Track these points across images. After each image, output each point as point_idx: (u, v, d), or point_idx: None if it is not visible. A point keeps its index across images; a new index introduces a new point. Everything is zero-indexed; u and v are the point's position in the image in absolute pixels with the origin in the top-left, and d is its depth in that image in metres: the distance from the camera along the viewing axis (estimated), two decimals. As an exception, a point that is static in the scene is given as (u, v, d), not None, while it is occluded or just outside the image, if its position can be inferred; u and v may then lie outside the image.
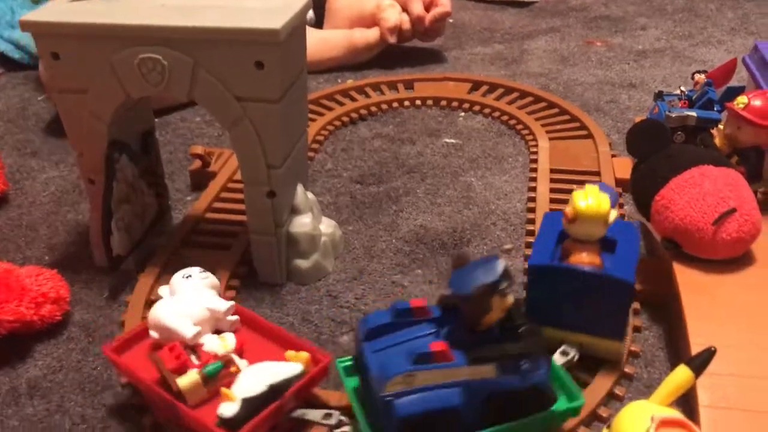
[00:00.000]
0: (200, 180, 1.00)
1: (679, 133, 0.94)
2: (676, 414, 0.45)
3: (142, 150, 0.84)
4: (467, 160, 1.06)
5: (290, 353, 0.63)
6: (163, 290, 0.69)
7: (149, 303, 0.77)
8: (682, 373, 0.51)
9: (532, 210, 0.92)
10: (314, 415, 0.61)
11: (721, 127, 0.84)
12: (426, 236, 0.89)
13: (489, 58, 1.41)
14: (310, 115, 1.15)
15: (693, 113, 0.89)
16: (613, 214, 0.63)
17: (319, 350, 0.64)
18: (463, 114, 1.19)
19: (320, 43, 1.33)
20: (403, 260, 0.85)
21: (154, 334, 0.65)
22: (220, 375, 0.61)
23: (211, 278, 0.69)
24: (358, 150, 1.09)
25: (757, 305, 0.68)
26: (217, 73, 0.71)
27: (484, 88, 1.24)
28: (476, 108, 1.19)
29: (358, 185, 1.01)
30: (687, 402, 0.61)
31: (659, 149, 0.79)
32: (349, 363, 0.62)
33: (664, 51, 1.43)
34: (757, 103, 0.78)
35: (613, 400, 0.66)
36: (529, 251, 0.84)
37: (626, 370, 0.68)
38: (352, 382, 0.61)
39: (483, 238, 0.89)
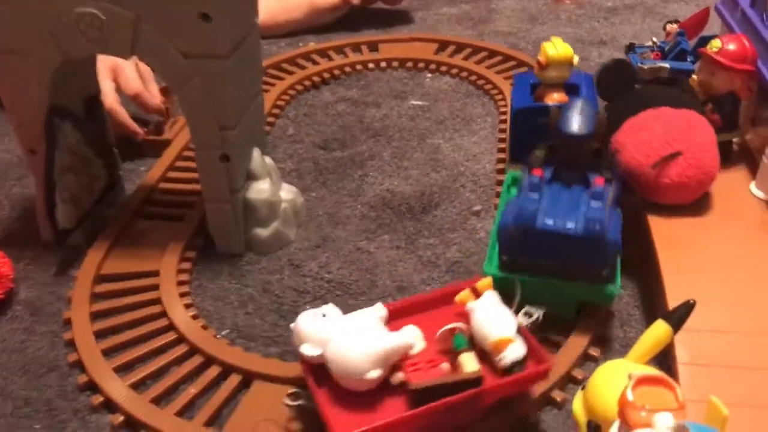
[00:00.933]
0: (155, 150, 0.95)
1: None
2: (654, 371, 0.42)
3: (87, 116, 0.79)
4: (435, 122, 1.02)
5: (463, 294, 0.60)
6: (309, 348, 0.55)
7: (98, 278, 0.73)
8: (659, 329, 0.48)
9: (502, 171, 0.88)
10: (521, 320, 0.59)
11: (695, 77, 0.81)
12: (393, 201, 0.85)
13: (456, 18, 1.36)
14: (271, 80, 1.11)
15: (666, 65, 0.86)
16: (576, 58, 0.79)
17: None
18: (430, 75, 1.15)
19: (280, 4, 1.27)
20: (369, 226, 0.82)
21: (374, 373, 0.54)
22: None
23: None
24: (321, 114, 1.05)
25: (734, 258, 0.66)
26: (161, 28, 0.66)
27: (452, 48, 1.20)
28: (443, 69, 1.15)
29: (321, 150, 0.96)
30: (664, 359, 0.58)
31: (625, 89, 0.78)
32: (495, 268, 0.65)
33: (635, 7, 1.39)
34: (731, 46, 0.75)
35: (588, 361, 0.63)
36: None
37: (602, 329, 0.65)
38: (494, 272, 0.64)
39: (452, 201, 0.85)
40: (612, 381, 0.46)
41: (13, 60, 0.69)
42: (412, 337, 0.57)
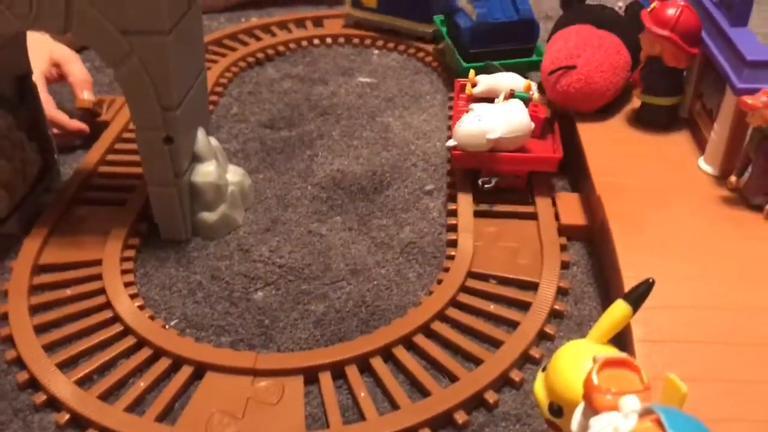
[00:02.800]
0: (92, 132, 0.90)
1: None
2: (619, 353, 0.42)
3: (17, 98, 0.75)
4: (384, 100, 1.00)
5: (468, 87, 0.85)
6: (493, 133, 0.74)
7: (36, 269, 0.69)
8: (619, 308, 0.47)
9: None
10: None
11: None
12: (344, 181, 0.84)
13: (401, -7, 1.34)
14: (211, 57, 1.07)
15: None
16: None
17: None
18: (377, 52, 1.13)
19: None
20: (320, 207, 0.80)
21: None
22: None
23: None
24: (266, 92, 1.01)
25: (686, 234, 0.66)
26: (97, 2, 0.62)
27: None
28: (390, 45, 1.13)
29: (267, 130, 0.93)
30: (620, 337, 0.59)
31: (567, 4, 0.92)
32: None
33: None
34: (660, 10, 0.76)
35: (544, 339, 0.63)
36: (451, 191, 0.80)
37: (556, 307, 0.65)
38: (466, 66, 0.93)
39: (404, 180, 0.84)
40: (574, 362, 0.45)
41: (-68, 37, 0.64)
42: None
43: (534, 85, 0.83)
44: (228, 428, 0.54)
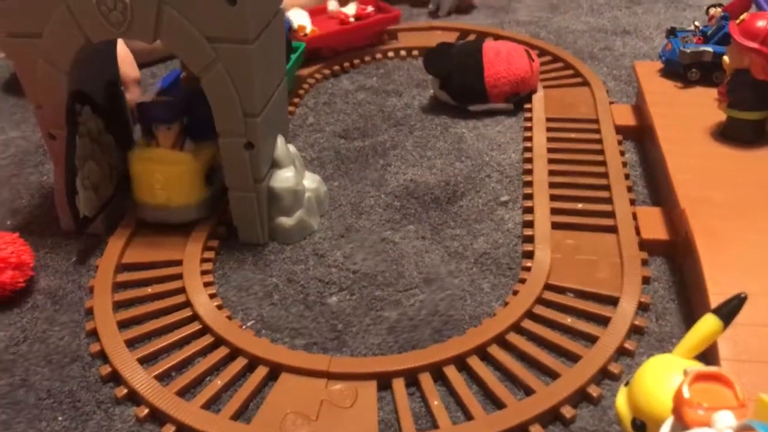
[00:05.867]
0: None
1: (694, 70, 0.88)
2: (711, 367, 0.40)
3: (107, 103, 0.78)
4: (457, 112, 1.00)
5: None
6: None
7: (120, 267, 0.72)
8: (709, 323, 0.46)
9: (529, 160, 0.86)
10: None
11: (725, 57, 0.79)
12: (417, 190, 0.84)
13: (476, 6, 1.34)
14: (290, 68, 1.09)
15: (708, 48, 0.83)
16: None
17: None
18: (451, 64, 1.12)
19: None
20: (393, 216, 0.80)
21: None
22: None
23: None
24: (341, 103, 1.03)
25: (775, 251, 0.64)
26: (186, 11, 0.64)
27: (472, 37, 1.18)
28: (465, 58, 1.12)
29: (342, 140, 0.95)
30: (704, 356, 0.57)
31: (446, 59, 0.97)
32: None
33: (658, -4, 1.37)
34: (748, 21, 0.74)
35: (623, 355, 0.62)
36: (527, 203, 0.79)
37: (636, 323, 0.63)
38: None
39: (477, 191, 0.83)
40: (661, 377, 0.44)
41: (31, 43, 0.68)
42: None
43: None
44: (302, 429, 0.55)
